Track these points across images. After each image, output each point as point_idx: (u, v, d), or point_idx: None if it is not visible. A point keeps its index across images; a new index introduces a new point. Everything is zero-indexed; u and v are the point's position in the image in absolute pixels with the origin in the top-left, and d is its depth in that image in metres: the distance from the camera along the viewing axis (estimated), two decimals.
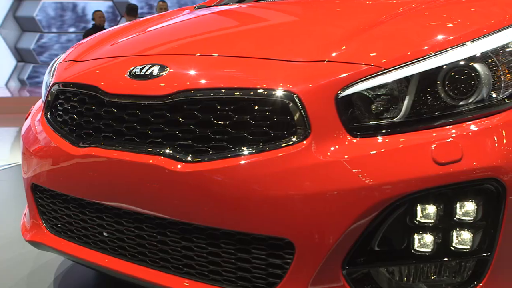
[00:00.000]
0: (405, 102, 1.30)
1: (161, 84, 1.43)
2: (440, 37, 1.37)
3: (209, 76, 1.40)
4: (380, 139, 1.26)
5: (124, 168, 1.45)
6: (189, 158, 1.34)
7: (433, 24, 1.48)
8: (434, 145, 1.24)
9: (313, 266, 1.24)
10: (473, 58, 1.32)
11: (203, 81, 1.40)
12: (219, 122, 1.33)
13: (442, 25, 1.46)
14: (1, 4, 11.16)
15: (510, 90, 1.32)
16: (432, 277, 1.30)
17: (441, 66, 1.30)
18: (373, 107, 1.30)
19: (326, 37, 1.49)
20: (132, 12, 7.84)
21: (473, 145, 1.25)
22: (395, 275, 1.30)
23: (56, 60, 2.00)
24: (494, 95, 1.31)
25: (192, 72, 1.44)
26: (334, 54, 1.35)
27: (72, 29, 13.00)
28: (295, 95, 1.28)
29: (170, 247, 1.43)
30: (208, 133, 1.34)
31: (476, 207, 1.25)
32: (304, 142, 1.26)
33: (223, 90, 1.34)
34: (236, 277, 1.35)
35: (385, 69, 1.30)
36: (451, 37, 1.36)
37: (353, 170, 1.22)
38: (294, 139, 1.27)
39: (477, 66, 1.32)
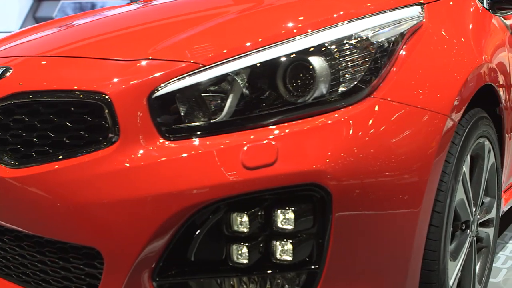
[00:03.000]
0: (228, 101, 1.20)
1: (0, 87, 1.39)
2: (273, 31, 1.27)
3: (39, 79, 1.34)
4: (193, 142, 1.17)
5: None
6: (14, 163, 1.30)
7: (269, 18, 1.37)
8: (245, 148, 1.14)
9: (121, 276, 1.17)
10: (308, 52, 1.21)
11: (31, 84, 1.33)
12: (42, 126, 1.28)
13: (278, 19, 1.35)
14: (22, 5, 11.43)
15: (347, 87, 1.21)
16: None
17: (272, 60, 1.20)
18: (194, 107, 1.21)
19: (156, 34, 1.40)
20: None
21: (294, 147, 1.15)
22: (226, 287, 1.22)
23: None
24: (330, 91, 1.20)
25: (27, 74, 1.39)
26: (154, 51, 1.26)
27: None
28: (107, 97, 1.20)
29: (10, 254, 1.40)
30: (32, 138, 1.29)
31: (295, 215, 1.15)
32: (112, 146, 1.18)
33: (44, 93, 1.28)
34: (62, 287, 1.30)
35: (205, 66, 1.21)
36: (284, 31, 1.26)
37: (157, 176, 1.14)
38: (103, 144, 1.20)
39: (313, 59, 1.21)
